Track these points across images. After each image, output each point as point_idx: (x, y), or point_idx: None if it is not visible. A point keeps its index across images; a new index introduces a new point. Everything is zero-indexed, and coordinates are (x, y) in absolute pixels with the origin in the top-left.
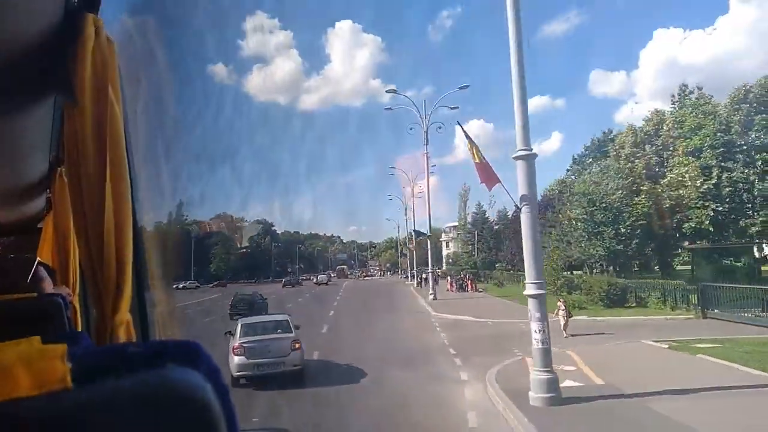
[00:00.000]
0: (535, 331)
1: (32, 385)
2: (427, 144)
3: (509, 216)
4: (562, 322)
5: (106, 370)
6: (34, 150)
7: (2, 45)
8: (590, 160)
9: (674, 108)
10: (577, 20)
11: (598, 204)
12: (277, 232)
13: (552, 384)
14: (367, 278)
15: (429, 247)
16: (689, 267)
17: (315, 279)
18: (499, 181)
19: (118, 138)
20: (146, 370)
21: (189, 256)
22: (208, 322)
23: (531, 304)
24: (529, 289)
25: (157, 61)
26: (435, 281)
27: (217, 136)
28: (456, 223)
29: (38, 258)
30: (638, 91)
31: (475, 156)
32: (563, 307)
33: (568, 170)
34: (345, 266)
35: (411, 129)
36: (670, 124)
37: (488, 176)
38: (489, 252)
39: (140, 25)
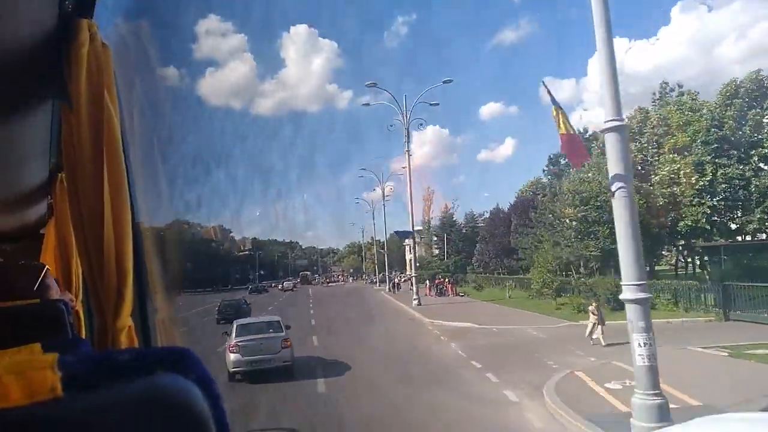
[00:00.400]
0: (640, 345)
1: (23, 395)
2: (408, 141)
3: (477, 219)
4: (593, 329)
5: (97, 379)
6: (34, 155)
7: None
8: (566, 159)
9: (655, 106)
10: (528, 28)
11: (592, 202)
12: (235, 238)
13: (663, 410)
14: (331, 284)
15: (414, 249)
16: (669, 266)
17: (281, 285)
18: (588, 158)
19: (116, 142)
20: (136, 377)
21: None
22: None
23: (632, 311)
24: (628, 293)
25: (152, 65)
26: (413, 285)
27: (211, 141)
28: (419, 227)
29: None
30: (586, 98)
31: (561, 126)
32: (597, 312)
33: (544, 170)
34: (308, 272)
35: (391, 126)
36: (654, 122)
37: (575, 151)
38: (458, 255)
39: (135, 30)
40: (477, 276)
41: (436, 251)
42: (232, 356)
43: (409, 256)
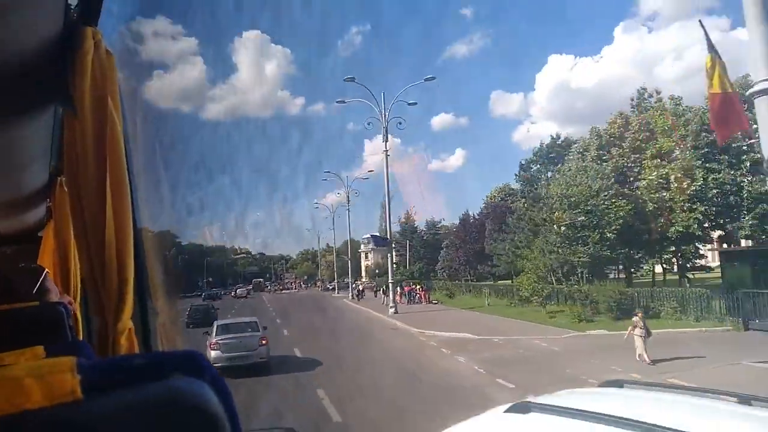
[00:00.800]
0: None
1: (44, 397)
2: (386, 141)
3: (438, 226)
4: (639, 345)
5: (115, 382)
6: (34, 159)
7: (2, 56)
8: (537, 166)
9: (634, 111)
10: (480, 42)
11: (581, 206)
12: (182, 243)
13: None
14: (284, 291)
15: (390, 255)
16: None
17: (234, 293)
18: (744, 126)
19: (118, 148)
20: (153, 380)
21: None
22: None
23: None
24: None
25: (156, 72)
26: (385, 293)
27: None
28: (376, 233)
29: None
30: (534, 112)
31: (715, 82)
32: (642, 324)
33: (516, 176)
34: (261, 279)
35: (369, 124)
36: (636, 127)
37: (729, 115)
38: (420, 261)
39: (139, 37)
40: (447, 283)
41: (398, 258)
42: (213, 353)
43: (365, 263)
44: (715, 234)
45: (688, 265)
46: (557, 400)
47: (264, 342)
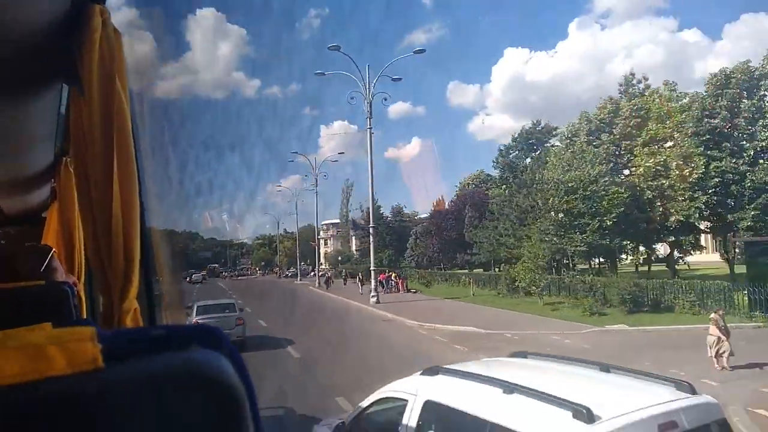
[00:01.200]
0: None
1: (66, 365)
2: (370, 118)
3: (403, 212)
4: (718, 349)
5: (134, 352)
6: (39, 139)
7: (9, 34)
8: (516, 152)
9: (622, 97)
10: (438, 32)
11: (579, 192)
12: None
13: None
14: (241, 278)
15: (373, 241)
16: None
17: (189, 278)
18: None
19: (125, 127)
20: (173, 351)
21: None
22: None
23: None
24: None
25: (163, 52)
26: (361, 281)
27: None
28: (336, 220)
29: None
30: (489, 103)
31: None
32: (721, 323)
33: (494, 161)
34: (216, 265)
35: (352, 99)
36: (627, 113)
37: None
38: (387, 249)
39: (147, 16)
40: (420, 271)
41: (360, 245)
42: None
43: (324, 249)
44: (702, 224)
45: (658, 255)
46: (466, 366)
47: (240, 322)
